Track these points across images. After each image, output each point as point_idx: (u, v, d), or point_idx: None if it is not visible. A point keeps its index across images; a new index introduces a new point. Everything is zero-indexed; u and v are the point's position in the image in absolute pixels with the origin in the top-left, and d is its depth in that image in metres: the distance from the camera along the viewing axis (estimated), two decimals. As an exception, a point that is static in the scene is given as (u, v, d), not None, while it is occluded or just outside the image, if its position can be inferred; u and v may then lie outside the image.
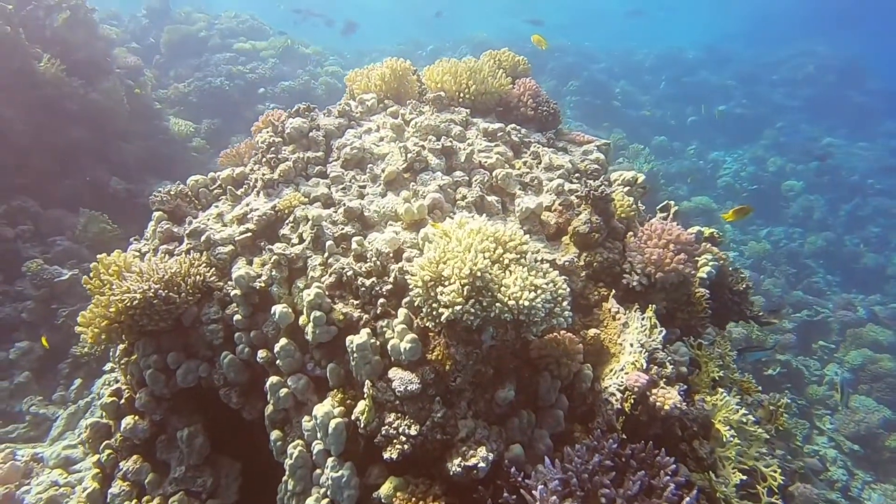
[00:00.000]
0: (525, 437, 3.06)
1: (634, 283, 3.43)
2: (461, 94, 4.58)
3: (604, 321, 3.40)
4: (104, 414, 3.65)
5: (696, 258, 4.25)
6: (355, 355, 3.05)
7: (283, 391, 3.23)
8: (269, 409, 3.30)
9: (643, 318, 3.29)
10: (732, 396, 3.37)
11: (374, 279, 3.23)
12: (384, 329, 3.13)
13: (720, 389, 3.35)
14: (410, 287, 2.95)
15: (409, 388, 2.97)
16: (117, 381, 3.89)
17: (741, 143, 18.13)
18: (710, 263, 4.23)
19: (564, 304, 2.95)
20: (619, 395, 3.06)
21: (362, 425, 2.95)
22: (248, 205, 3.78)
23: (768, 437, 3.42)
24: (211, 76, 12.84)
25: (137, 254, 3.92)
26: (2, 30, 6.87)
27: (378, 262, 3.26)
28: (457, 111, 4.46)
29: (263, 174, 3.86)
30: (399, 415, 3.00)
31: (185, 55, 13.96)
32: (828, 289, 12.52)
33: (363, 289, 3.21)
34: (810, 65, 21.33)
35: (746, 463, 3.19)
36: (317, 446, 3.07)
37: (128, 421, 3.51)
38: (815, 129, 19.07)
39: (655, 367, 3.10)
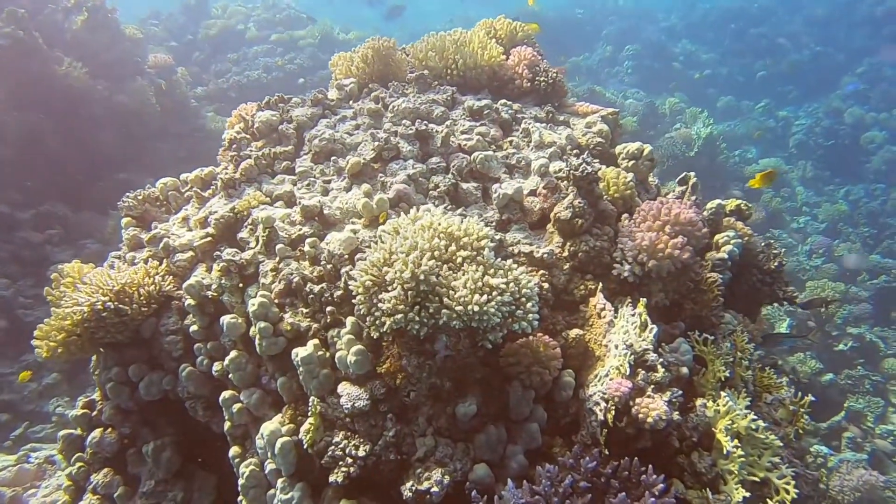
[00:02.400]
0: (495, 454, 2.72)
1: (626, 274, 2.99)
2: (448, 71, 4.19)
3: (589, 319, 2.99)
4: (78, 426, 3.56)
5: (712, 237, 3.75)
6: (301, 369, 2.79)
7: (237, 406, 3.02)
8: (227, 424, 3.10)
9: (634, 315, 2.86)
10: (743, 398, 2.89)
11: (323, 285, 2.94)
12: (335, 339, 2.85)
13: (725, 392, 2.88)
14: (353, 293, 2.65)
15: (356, 406, 2.68)
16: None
17: (817, 96, 16.66)
18: (733, 241, 3.71)
19: (529, 305, 2.58)
20: (603, 404, 2.66)
21: (306, 445, 2.69)
22: (209, 207, 3.57)
23: (781, 444, 2.93)
24: (249, 70, 12.85)
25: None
26: (15, 35, 6.95)
27: (330, 266, 2.97)
28: (442, 90, 4.08)
29: (226, 173, 3.63)
30: (349, 434, 2.73)
31: (224, 50, 14.03)
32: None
33: (311, 296, 2.93)
34: (890, -1, 19.25)
35: (757, 474, 2.73)
36: (269, 465, 2.85)
37: (95, 434, 3.41)
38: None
39: (643, 371, 2.68)
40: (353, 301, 2.66)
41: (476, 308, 2.41)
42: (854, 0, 19.81)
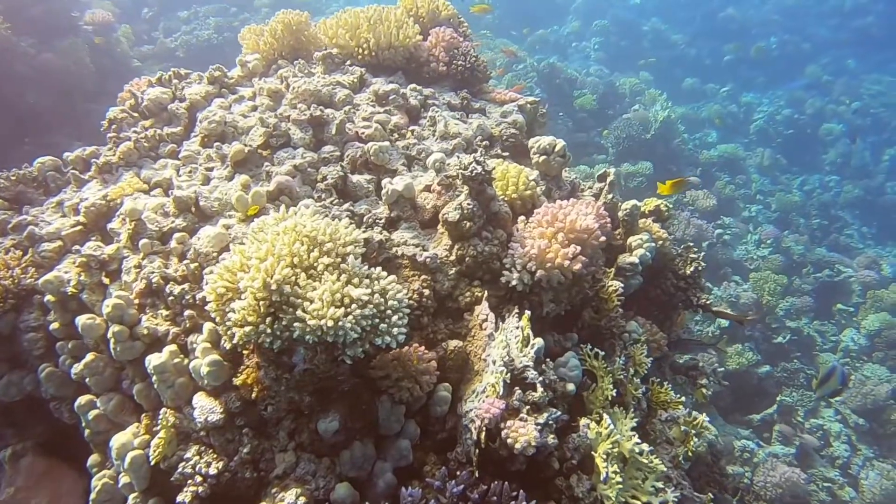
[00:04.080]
0: (362, 471, 2.55)
1: (514, 282, 2.80)
2: (360, 51, 3.92)
3: (472, 329, 2.81)
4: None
5: (626, 238, 3.60)
6: (154, 378, 2.57)
7: (93, 413, 2.78)
8: (87, 431, 2.87)
9: (518, 328, 2.69)
10: (631, 417, 2.76)
11: (185, 286, 2.71)
12: (195, 346, 2.63)
13: (610, 411, 2.75)
14: (206, 300, 2.43)
15: (209, 420, 2.49)
16: None
17: (781, 83, 16.59)
18: (646, 245, 3.56)
19: (395, 318, 2.38)
20: (477, 422, 2.50)
21: (153, 461, 2.49)
22: (82, 193, 3.29)
23: (669, 467, 2.81)
24: (199, 29, 12.31)
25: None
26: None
27: (195, 265, 2.74)
28: (350, 71, 3.82)
29: (105, 156, 3.34)
30: (203, 449, 2.53)
31: (175, 7, 13.40)
32: (861, 242, 11.42)
33: (171, 297, 2.70)
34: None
35: (640, 498, 2.60)
36: (123, 479, 2.64)
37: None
38: (863, 64, 17.27)
39: (519, 390, 2.52)
40: (206, 308, 2.44)
41: (329, 323, 2.21)
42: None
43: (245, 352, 2.55)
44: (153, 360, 2.55)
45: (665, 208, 3.95)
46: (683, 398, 3.16)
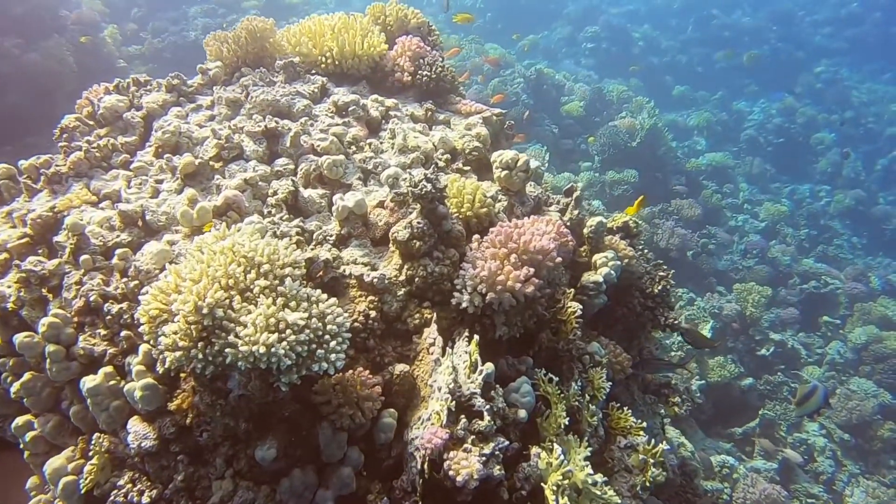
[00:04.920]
0: (302, 500, 2.47)
1: (465, 304, 2.72)
2: (323, 60, 3.84)
3: (420, 353, 2.73)
4: None
5: (592, 256, 3.52)
6: (89, 401, 2.49)
7: (30, 435, 2.70)
8: (26, 453, 2.78)
9: (466, 352, 2.61)
10: (584, 447, 2.68)
11: (124, 305, 2.62)
12: (131, 368, 2.54)
13: (561, 439, 2.66)
14: (139, 322, 2.34)
15: (143, 446, 2.40)
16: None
17: (773, 91, 16.55)
18: (611, 263, 3.48)
19: (333, 344, 2.30)
20: (422, 451, 2.42)
21: (83, 490, 2.40)
22: (31, 204, 3.20)
23: (623, 498, 2.73)
24: (186, 30, 12.24)
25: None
26: None
27: (135, 284, 2.65)
28: (312, 80, 3.74)
29: (55, 166, 3.26)
30: (137, 475, 2.45)
31: (164, 7, 13.33)
32: (851, 253, 11.36)
33: (109, 316, 2.61)
34: (854, 1, 19.11)
35: (592, 533, 2.52)
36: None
37: None
38: (856, 73, 17.25)
39: (465, 418, 2.43)
40: (139, 330, 2.36)
41: (262, 349, 2.13)
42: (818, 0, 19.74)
43: (183, 375, 2.47)
44: (87, 383, 2.47)
45: (634, 224, 3.88)
46: (644, 424, 3.08)
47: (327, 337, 2.30)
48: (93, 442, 2.44)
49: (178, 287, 2.29)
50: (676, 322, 3.74)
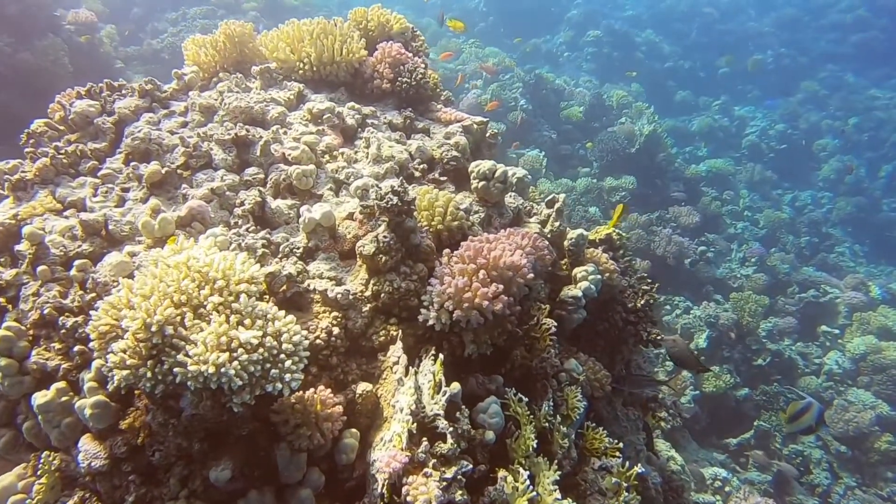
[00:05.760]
0: (259, 523, 2.38)
1: (431, 321, 2.63)
2: (302, 66, 3.76)
3: (385, 371, 2.65)
4: None
5: (572, 269, 3.43)
6: (40, 417, 2.41)
7: (-18, 451, 2.63)
8: (-21, 468, 2.71)
9: (431, 372, 2.52)
10: (554, 470, 2.58)
11: (79, 318, 2.55)
12: (85, 384, 2.47)
13: (528, 462, 2.57)
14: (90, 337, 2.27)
15: (93, 465, 2.32)
16: None
17: (777, 97, 16.40)
18: (591, 277, 3.39)
19: (289, 363, 2.22)
20: (382, 474, 2.33)
21: (30, 512, 2.32)
22: (-6, 210, 3.13)
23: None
24: (185, 31, 12.18)
25: None
26: None
27: (92, 296, 2.58)
28: (288, 87, 3.67)
29: (21, 172, 3.19)
30: (87, 495, 2.37)
31: (164, 7, 13.30)
32: (853, 260, 11.22)
33: (64, 330, 2.54)
34: (862, 6, 18.90)
35: (560, 561, 2.43)
36: (8, 525, 2.48)
37: None
38: (862, 79, 17.06)
39: (426, 441, 2.35)
40: (89, 346, 2.28)
41: (211, 369, 2.05)
42: (824, 5, 19.54)
43: (137, 392, 2.40)
44: (38, 399, 2.40)
45: (617, 237, 3.79)
46: (621, 444, 2.99)
47: (283, 356, 2.22)
48: (41, 460, 2.36)
49: (129, 302, 2.21)
50: (660, 338, 3.64)
